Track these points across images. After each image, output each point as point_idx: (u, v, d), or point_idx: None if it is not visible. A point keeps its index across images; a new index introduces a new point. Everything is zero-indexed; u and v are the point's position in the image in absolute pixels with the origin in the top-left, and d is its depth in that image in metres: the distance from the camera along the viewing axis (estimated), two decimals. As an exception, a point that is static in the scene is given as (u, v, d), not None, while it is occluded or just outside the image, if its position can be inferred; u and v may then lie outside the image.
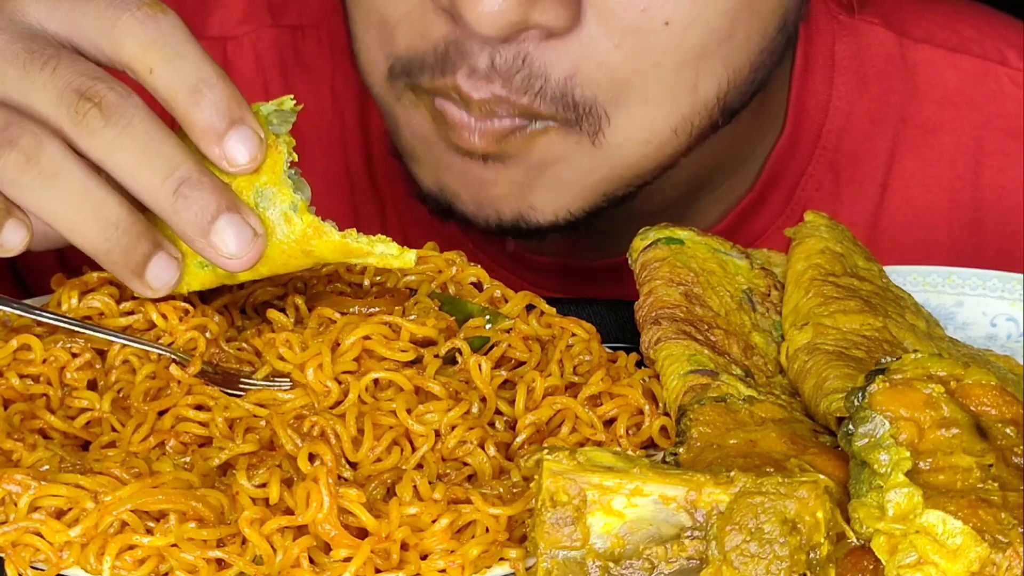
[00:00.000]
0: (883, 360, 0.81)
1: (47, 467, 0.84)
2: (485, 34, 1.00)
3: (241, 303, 1.00)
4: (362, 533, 0.81)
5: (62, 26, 0.87)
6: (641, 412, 0.92)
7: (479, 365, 0.92)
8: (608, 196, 1.11)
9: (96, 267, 0.99)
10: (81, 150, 0.85)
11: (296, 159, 0.89)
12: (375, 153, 1.29)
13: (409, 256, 0.89)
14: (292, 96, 0.90)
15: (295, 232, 0.88)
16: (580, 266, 1.26)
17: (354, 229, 0.89)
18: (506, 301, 1.00)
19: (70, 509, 0.82)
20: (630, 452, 0.89)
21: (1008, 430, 0.79)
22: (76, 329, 0.94)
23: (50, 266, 1.10)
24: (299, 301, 0.99)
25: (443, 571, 0.80)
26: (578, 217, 1.11)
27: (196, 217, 0.85)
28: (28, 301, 0.98)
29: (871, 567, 0.76)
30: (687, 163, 1.20)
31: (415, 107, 1.09)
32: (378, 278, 1.02)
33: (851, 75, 1.28)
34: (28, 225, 0.87)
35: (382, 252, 0.89)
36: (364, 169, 1.30)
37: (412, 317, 0.95)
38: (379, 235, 0.90)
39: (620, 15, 1.02)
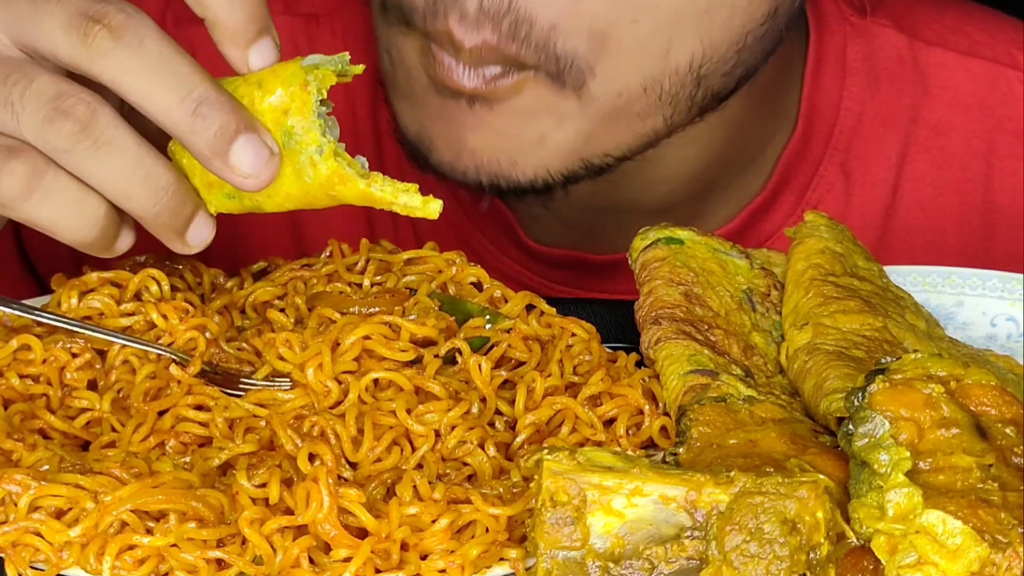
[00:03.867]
0: (883, 360, 0.81)
1: (47, 467, 0.84)
2: None
3: (241, 303, 1.00)
4: (362, 533, 0.81)
5: None
6: (641, 412, 0.92)
7: (479, 365, 0.92)
8: (586, 160, 1.11)
9: (97, 267, 0.99)
10: (94, 74, 0.84)
11: (325, 97, 0.87)
12: (385, 145, 1.29)
13: (433, 207, 0.88)
14: (348, 53, 0.90)
15: (320, 176, 0.87)
16: (589, 260, 1.26)
17: (379, 175, 0.88)
18: (506, 301, 1.00)
19: (70, 509, 0.82)
20: (630, 452, 0.89)
21: (1008, 430, 0.79)
22: (76, 329, 0.94)
23: (65, 261, 1.10)
24: (299, 301, 0.99)
25: (443, 571, 0.80)
26: (556, 180, 1.11)
27: (215, 137, 0.84)
28: (28, 301, 0.98)
29: (871, 567, 0.76)
30: (693, 155, 1.20)
31: (405, 37, 1.09)
32: (378, 278, 1.02)
33: (862, 76, 1.28)
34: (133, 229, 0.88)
35: (406, 203, 0.88)
36: (375, 161, 1.30)
37: (412, 317, 0.95)
38: (404, 184, 0.89)
39: None
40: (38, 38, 0.85)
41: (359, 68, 0.90)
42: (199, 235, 0.89)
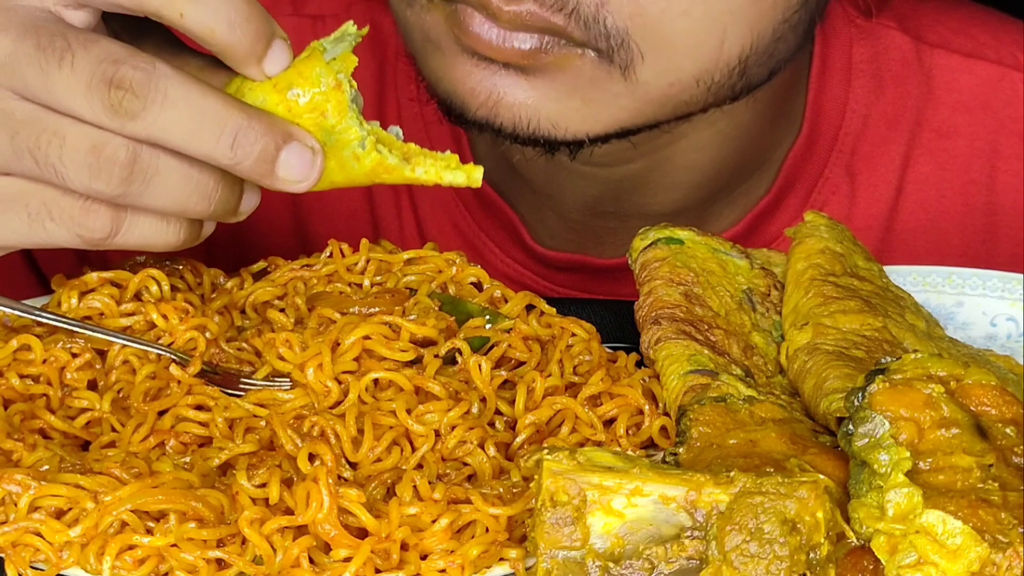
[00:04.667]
0: (883, 360, 0.81)
1: (47, 467, 0.84)
2: None
3: (241, 303, 1.00)
4: (362, 533, 0.81)
5: None
6: (641, 412, 0.92)
7: (479, 365, 0.92)
8: (624, 128, 1.11)
9: (97, 267, 0.99)
10: (127, 135, 0.85)
11: (353, 84, 0.88)
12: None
13: (476, 175, 0.90)
14: (352, 22, 0.90)
15: (364, 168, 0.88)
16: (594, 264, 1.26)
17: (420, 153, 0.89)
18: (506, 301, 1.00)
19: (70, 509, 0.82)
20: (630, 452, 0.89)
21: (1008, 430, 0.79)
22: (76, 329, 0.94)
23: (70, 262, 1.10)
24: (299, 301, 0.99)
25: (443, 571, 0.80)
26: (593, 141, 1.10)
27: (258, 162, 0.86)
28: (28, 301, 0.98)
29: (871, 567, 0.76)
30: (702, 160, 1.20)
31: (427, 11, 1.08)
32: (378, 278, 1.02)
33: (868, 78, 1.28)
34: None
35: (451, 181, 0.89)
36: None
37: (412, 317, 0.95)
38: (444, 157, 0.90)
39: None
40: (57, 102, 0.85)
41: (364, 31, 0.91)
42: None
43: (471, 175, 0.89)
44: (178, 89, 0.84)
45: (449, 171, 0.89)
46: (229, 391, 0.92)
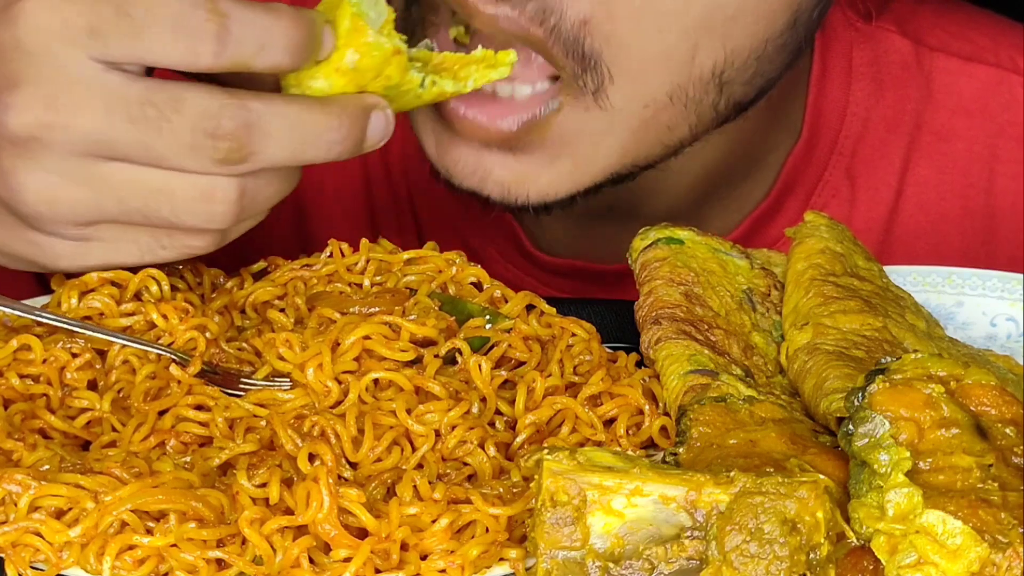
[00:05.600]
0: (883, 360, 0.81)
1: (47, 467, 0.84)
2: None
3: (241, 303, 1.00)
4: (362, 533, 0.81)
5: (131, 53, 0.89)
6: (641, 412, 0.92)
7: (479, 365, 0.92)
8: (615, 173, 1.11)
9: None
10: (239, 173, 0.90)
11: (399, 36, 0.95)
12: (392, 149, 1.29)
13: (510, 59, 0.98)
14: None
15: (425, 99, 0.98)
16: (594, 269, 1.26)
17: (463, 63, 0.98)
18: (506, 301, 1.00)
19: (70, 509, 0.82)
20: (630, 452, 0.89)
21: (1008, 430, 0.79)
22: (76, 329, 0.94)
23: None
24: (299, 301, 0.99)
25: (443, 571, 0.80)
26: (585, 195, 1.11)
27: (353, 148, 0.93)
28: (28, 301, 0.98)
29: (871, 567, 0.76)
30: (698, 164, 1.20)
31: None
32: (378, 278, 1.02)
33: (868, 81, 1.28)
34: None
35: (496, 78, 0.98)
36: (381, 166, 1.30)
37: (412, 317, 0.95)
38: (479, 55, 0.98)
39: None
40: (159, 159, 0.89)
41: None
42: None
43: (505, 59, 0.99)
44: (274, 121, 0.89)
45: (493, 70, 0.98)
46: (229, 391, 0.92)
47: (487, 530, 0.81)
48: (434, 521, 0.81)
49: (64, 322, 0.94)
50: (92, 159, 0.89)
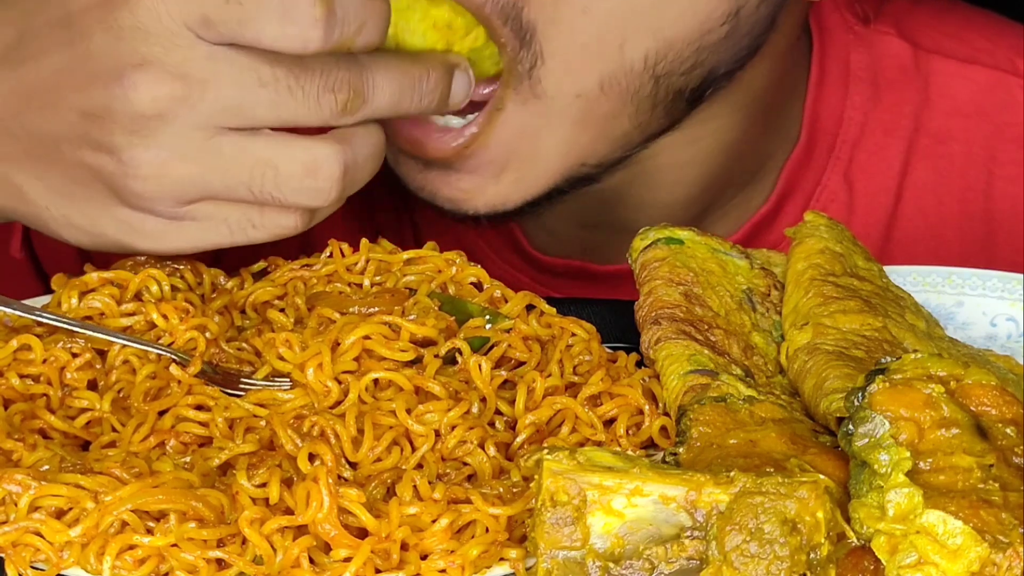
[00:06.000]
0: (883, 360, 0.81)
1: (47, 467, 0.84)
2: None
3: (241, 303, 1.00)
4: (362, 533, 0.81)
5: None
6: (641, 412, 0.92)
7: (479, 365, 0.92)
8: (566, 175, 1.12)
9: (98, 267, 0.99)
10: (353, 122, 0.95)
11: None
12: (390, 152, 1.29)
13: None
14: None
15: None
16: (592, 270, 1.26)
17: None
18: (506, 301, 1.00)
19: (70, 509, 0.82)
20: (630, 452, 0.89)
21: (1008, 430, 0.79)
22: (76, 329, 0.94)
23: (72, 264, 1.10)
24: (299, 301, 0.99)
25: (443, 571, 0.80)
26: (533, 205, 1.13)
27: (439, 102, 1.00)
28: (28, 301, 0.98)
29: (871, 567, 0.76)
30: (696, 172, 1.20)
31: None
32: (378, 278, 1.02)
33: (866, 85, 1.28)
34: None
35: None
36: (380, 169, 1.30)
37: (412, 317, 0.95)
38: None
39: None
40: (290, 117, 0.94)
41: None
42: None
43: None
44: (381, 73, 0.96)
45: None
46: (229, 391, 0.92)
47: (487, 530, 0.81)
48: (434, 521, 0.81)
49: (64, 322, 0.94)
50: (210, 132, 0.93)
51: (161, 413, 0.90)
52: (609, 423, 0.92)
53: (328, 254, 1.03)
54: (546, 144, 1.10)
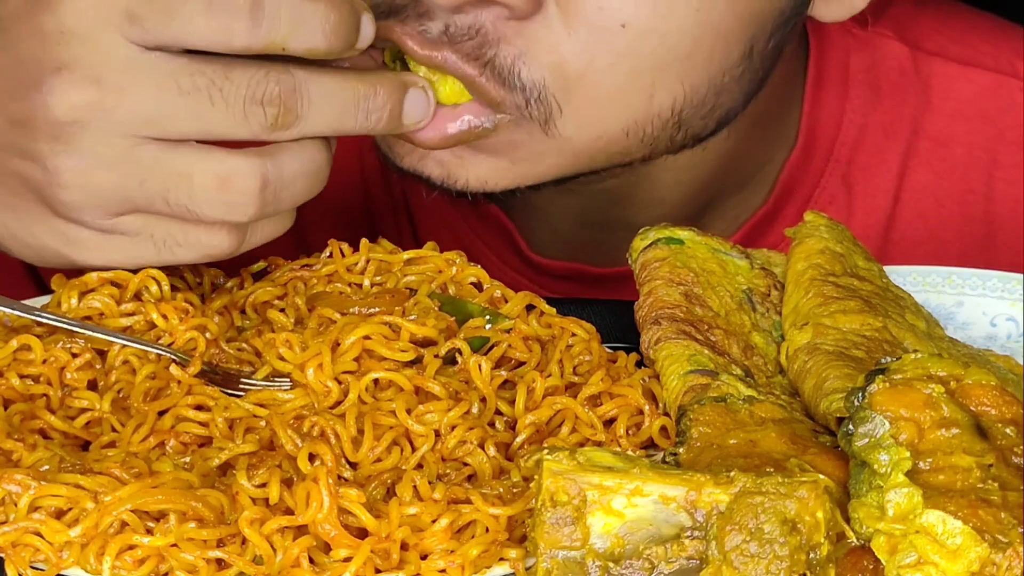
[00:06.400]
0: (883, 360, 0.81)
1: (47, 467, 0.84)
2: (444, 3, 0.99)
3: (241, 303, 1.00)
4: (362, 533, 0.81)
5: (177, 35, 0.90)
6: (641, 412, 0.92)
7: (479, 365, 0.92)
8: (558, 178, 1.10)
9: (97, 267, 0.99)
10: (287, 139, 0.92)
11: None
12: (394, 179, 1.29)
13: None
14: None
15: None
16: (591, 272, 1.26)
17: None
18: (506, 301, 1.00)
19: (70, 509, 0.82)
20: (630, 452, 0.89)
21: (1008, 430, 0.79)
22: (76, 329, 0.94)
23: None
24: (299, 301, 0.99)
25: (443, 571, 0.80)
26: (529, 189, 1.11)
27: (389, 122, 0.95)
28: (28, 301, 0.98)
29: (871, 567, 0.76)
30: (694, 175, 1.20)
31: None
32: (378, 278, 1.02)
33: (865, 88, 1.27)
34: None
35: None
36: (379, 171, 1.30)
37: (412, 317, 0.95)
38: None
39: (578, 8, 1.01)
40: (210, 129, 0.90)
41: None
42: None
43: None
44: (316, 87, 0.91)
45: None
46: (229, 391, 0.92)
47: (487, 530, 0.81)
48: (434, 521, 0.81)
49: (64, 322, 0.94)
50: (129, 140, 0.90)
51: (161, 413, 0.90)
52: (609, 423, 0.92)
53: (328, 254, 1.03)
54: (547, 161, 1.07)
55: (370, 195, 1.32)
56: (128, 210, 0.93)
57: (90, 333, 0.94)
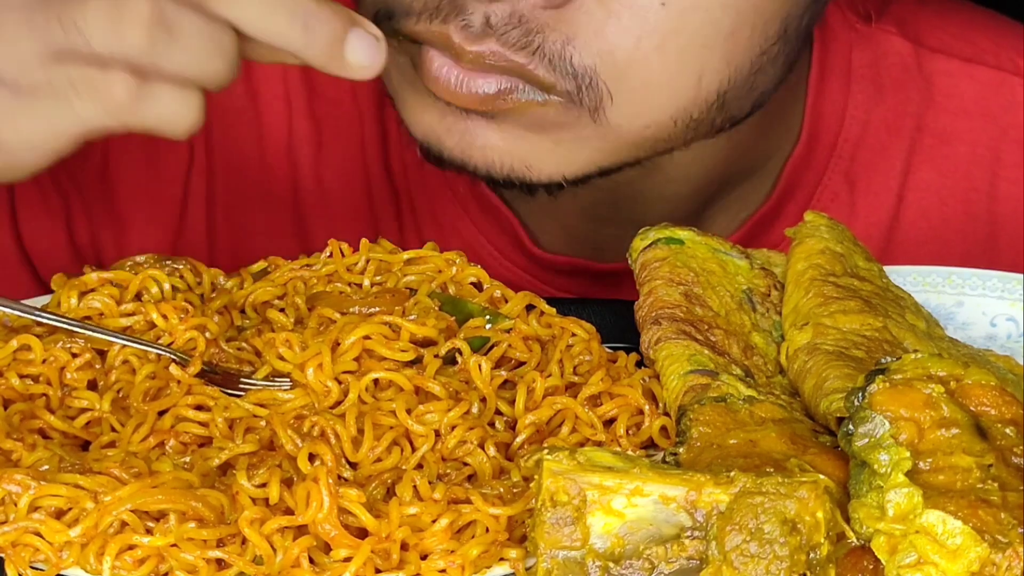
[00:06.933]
0: (883, 360, 0.81)
1: (47, 467, 0.84)
2: None
3: (241, 303, 1.00)
4: (362, 533, 0.81)
5: None
6: (641, 412, 0.92)
7: (479, 365, 0.92)
8: (601, 168, 1.09)
9: (97, 267, 0.99)
10: (214, 15, 0.87)
11: None
12: (391, 149, 1.29)
13: None
14: None
15: None
16: (595, 268, 1.26)
17: None
18: (506, 301, 1.00)
19: (70, 509, 0.82)
20: (630, 452, 0.89)
21: (1008, 430, 0.79)
22: (76, 329, 0.94)
23: (67, 263, 1.10)
24: (299, 301, 0.99)
25: (443, 571, 0.80)
26: (571, 182, 1.09)
27: (327, 44, 0.89)
28: (28, 301, 0.98)
29: (871, 567, 0.76)
30: (698, 169, 1.20)
31: (398, 52, 1.06)
32: (378, 278, 1.02)
33: (868, 84, 1.27)
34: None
35: None
36: (381, 165, 1.30)
37: (412, 317, 0.95)
38: None
39: None
40: None
41: None
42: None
43: None
44: None
45: None
46: (229, 391, 0.92)
47: (487, 530, 0.81)
48: (434, 521, 0.81)
49: (64, 322, 0.94)
50: None
51: (161, 413, 0.90)
52: (609, 423, 0.92)
53: (328, 254, 1.03)
54: (590, 147, 1.07)
55: (372, 192, 1.31)
56: (30, 59, 0.88)
57: (90, 333, 0.94)
